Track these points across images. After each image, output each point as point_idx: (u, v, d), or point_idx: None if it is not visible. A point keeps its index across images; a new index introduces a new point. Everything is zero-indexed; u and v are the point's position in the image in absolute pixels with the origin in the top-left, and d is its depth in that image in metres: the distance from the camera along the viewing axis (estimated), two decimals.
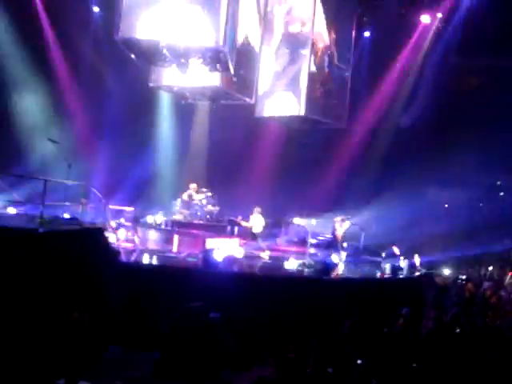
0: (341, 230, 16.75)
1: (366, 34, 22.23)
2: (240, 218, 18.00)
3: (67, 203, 12.82)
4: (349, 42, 19.38)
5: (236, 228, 17.63)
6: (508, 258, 22.98)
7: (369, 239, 17.85)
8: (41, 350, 8.20)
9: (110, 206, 13.62)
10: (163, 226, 16.30)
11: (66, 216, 12.49)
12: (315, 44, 17.99)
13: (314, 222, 19.45)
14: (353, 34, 19.47)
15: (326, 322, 10.94)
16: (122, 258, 11.80)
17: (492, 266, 20.62)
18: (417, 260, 15.94)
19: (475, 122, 22.25)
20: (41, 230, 8.60)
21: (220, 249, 12.76)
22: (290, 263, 14.19)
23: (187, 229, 16.26)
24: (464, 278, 17.91)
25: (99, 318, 9.77)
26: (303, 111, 17.87)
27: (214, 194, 17.83)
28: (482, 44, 21.59)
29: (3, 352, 7.96)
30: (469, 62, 23.63)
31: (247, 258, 15.42)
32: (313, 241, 16.59)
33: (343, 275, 14.50)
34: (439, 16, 21.04)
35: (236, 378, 8.94)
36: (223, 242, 15.30)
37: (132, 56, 15.05)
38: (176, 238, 15.28)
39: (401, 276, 14.73)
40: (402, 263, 15.07)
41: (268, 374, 7.59)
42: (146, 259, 13.74)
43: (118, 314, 10.62)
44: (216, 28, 14.00)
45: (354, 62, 19.96)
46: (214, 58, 14.79)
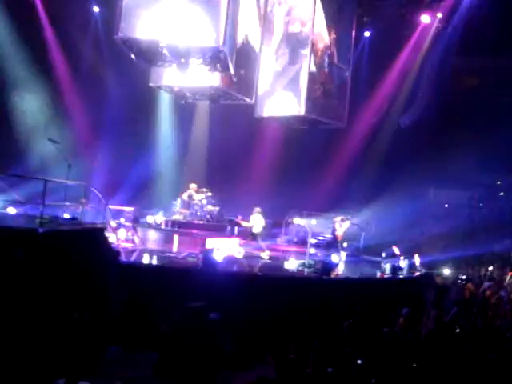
0: (341, 230, 16.76)
1: (366, 33, 22.29)
2: (240, 217, 18.01)
3: (67, 203, 12.82)
4: (349, 41, 19.39)
5: (236, 228, 17.63)
6: (508, 258, 22.99)
7: (369, 239, 17.88)
8: (41, 350, 8.20)
9: (110, 206, 13.58)
10: (163, 226, 16.27)
11: (66, 216, 12.48)
12: (315, 44, 18.00)
13: (314, 221, 19.43)
14: (353, 34, 19.50)
15: (326, 321, 10.92)
16: (122, 258, 11.78)
17: (492, 266, 20.58)
18: (417, 260, 15.91)
19: (475, 122, 22.29)
20: (41, 230, 8.58)
21: (220, 249, 12.74)
22: (290, 263, 14.16)
23: (187, 229, 16.26)
24: (464, 278, 17.89)
25: (99, 318, 9.77)
26: (303, 111, 17.89)
27: (213, 194, 17.80)
28: (481, 44, 21.66)
29: (4, 352, 7.96)
30: (468, 62, 23.69)
31: (247, 257, 15.43)
32: (313, 241, 16.58)
33: (343, 275, 14.49)
34: (439, 16, 21.06)
35: (235, 377, 8.93)
36: (223, 241, 15.31)
37: (132, 56, 15.05)
38: (176, 238, 15.28)
39: (401, 276, 14.70)
40: (402, 263, 15.02)
41: (267, 374, 7.57)
42: (145, 259, 13.73)
43: (118, 314, 10.62)
44: (216, 28, 14.03)
45: (353, 61, 19.97)
46: (214, 58, 14.80)
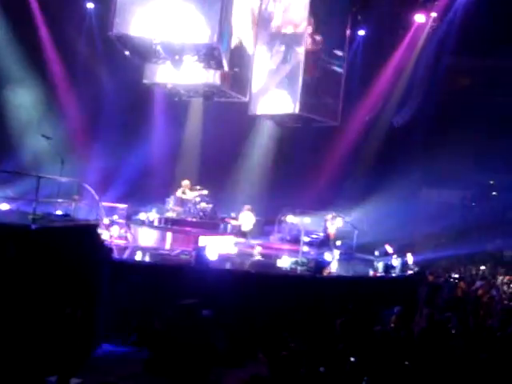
0: (332, 228, 16.68)
1: (361, 32, 22.28)
2: (233, 215, 18.00)
3: (60, 200, 12.78)
4: (343, 40, 19.41)
5: (229, 226, 17.61)
6: (500, 258, 23.13)
7: (362, 237, 17.90)
8: (33, 347, 8.17)
9: (103, 202, 13.55)
10: (156, 224, 16.22)
11: (59, 213, 12.43)
12: (309, 42, 18.01)
13: (307, 220, 19.44)
14: (347, 33, 19.52)
15: (318, 319, 10.94)
16: (115, 255, 11.75)
17: (484, 266, 20.70)
18: (409, 258, 15.95)
19: (468, 122, 22.37)
20: (33, 227, 8.53)
21: (213, 246, 12.73)
22: (283, 261, 14.15)
23: (180, 226, 16.22)
24: (456, 276, 17.97)
25: (92, 315, 9.76)
26: (297, 109, 17.92)
27: (209, 193, 17.72)
28: (474, 44, 21.71)
29: None
30: (462, 61, 23.76)
31: (240, 255, 15.44)
32: (306, 239, 16.57)
33: (336, 273, 14.51)
34: (433, 15, 21.10)
35: (228, 375, 8.93)
36: (216, 239, 15.30)
37: (126, 53, 15.03)
38: (169, 236, 15.25)
39: (393, 274, 14.73)
40: (395, 262, 15.04)
41: (260, 372, 7.57)
42: (138, 256, 13.71)
43: (110, 310, 10.60)
44: (210, 25, 14.02)
45: (348, 60, 19.99)
46: (208, 55, 14.80)
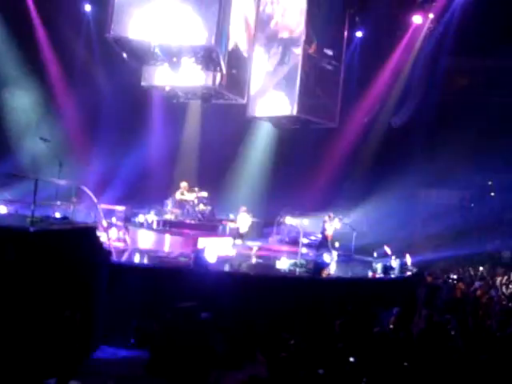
0: (331, 229, 16.54)
1: (358, 34, 22.27)
2: (232, 216, 17.99)
3: (58, 202, 12.76)
4: (341, 42, 19.42)
5: (228, 227, 17.62)
6: (498, 258, 23.11)
7: (360, 239, 17.90)
8: (32, 349, 8.16)
9: (102, 205, 13.53)
10: (155, 226, 16.22)
11: (58, 215, 12.42)
12: (307, 43, 18.02)
13: (305, 221, 19.45)
14: (345, 34, 19.53)
15: (317, 321, 10.93)
16: (114, 257, 11.74)
17: (483, 266, 20.68)
18: (408, 260, 15.95)
19: (466, 123, 22.36)
20: (32, 230, 8.52)
21: (211, 248, 12.72)
22: (281, 263, 14.14)
23: (179, 228, 16.22)
24: (455, 277, 17.95)
25: (90, 317, 9.75)
26: (295, 111, 17.92)
27: (208, 194, 17.68)
28: (472, 44, 21.72)
29: None
30: (460, 62, 23.77)
31: (238, 257, 15.45)
32: (305, 240, 16.57)
33: (335, 275, 14.51)
34: (431, 16, 21.12)
35: (227, 377, 8.92)
36: (215, 241, 15.30)
37: (124, 55, 15.02)
38: (168, 238, 15.25)
39: (392, 276, 14.73)
40: (394, 263, 15.04)
41: (259, 373, 7.57)
42: (137, 259, 13.71)
43: (109, 313, 10.59)
44: (208, 27, 14.02)
45: (345, 62, 19.99)
46: (206, 57, 14.80)
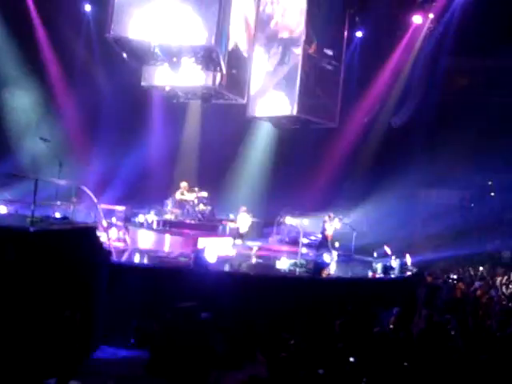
0: (330, 229, 16.50)
1: (358, 34, 22.27)
2: (232, 216, 17.99)
3: (58, 202, 12.76)
4: (341, 42, 19.41)
5: (228, 227, 17.62)
6: (498, 258, 23.10)
7: (360, 239, 17.90)
8: (32, 349, 8.16)
9: (102, 205, 13.53)
10: (155, 226, 16.22)
11: (58, 215, 12.42)
12: (307, 43, 18.01)
13: (305, 221, 19.44)
14: (345, 34, 19.52)
15: (317, 321, 10.93)
16: (114, 257, 11.74)
17: (483, 266, 20.67)
18: (408, 260, 15.95)
19: (466, 123, 22.36)
20: (32, 230, 8.52)
21: (211, 248, 12.72)
22: (281, 263, 14.14)
23: (179, 228, 16.22)
24: (455, 277, 17.94)
25: (90, 317, 9.75)
26: (295, 111, 17.92)
27: (208, 194, 17.67)
28: (472, 44, 21.71)
29: None
30: (460, 62, 23.76)
31: (238, 257, 15.46)
32: (305, 240, 16.57)
33: (335, 275, 14.50)
34: (431, 16, 21.11)
35: (226, 377, 8.92)
36: (215, 241, 15.30)
37: (124, 55, 15.02)
38: (168, 238, 15.25)
39: (392, 276, 14.73)
40: (394, 263, 15.04)
41: (259, 373, 7.57)
42: (137, 259, 13.71)
43: (109, 313, 10.60)
44: (208, 27, 14.02)
45: (345, 62, 19.99)
46: (206, 57, 14.80)
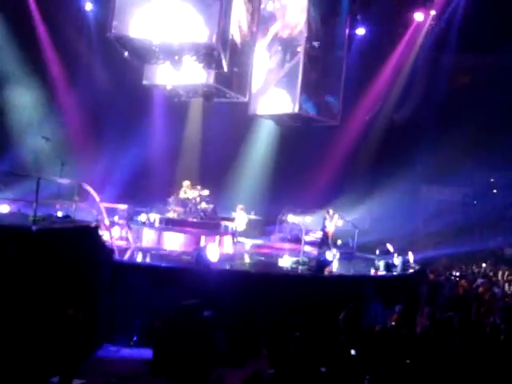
0: (331, 226, 16.44)
1: (360, 31, 22.23)
2: (234, 215, 17.99)
3: (61, 201, 12.77)
4: (342, 39, 19.39)
5: (230, 226, 17.62)
6: (501, 255, 23.11)
7: (362, 236, 17.89)
8: (35, 348, 8.18)
9: (104, 203, 13.54)
10: (157, 224, 16.24)
11: (60, 214, 12.43)
12: (308, 41, 17.99)
13: (307, 219, 19.43)
14: (346, 32, 19.49)
15: (320, 319, 10.94)
16: (116, 256, 11.76)
17: (485, 263, 20.69)
18: (410, 257, 15.96)
19: (468, 120, 22.35)
20: (34, 228, 8.54)
21: (213, 247, 12.73)
22: (284, 261, 14.15)
23: (181, 227, 16.24)
24: (458, 274, 17.96)
25: (93, 316, 9.76)
26: (296, 109, 17.90)
27: (210, 192, 17.67)
28: (474, 42, 21.69)
29: None
30: (462, 59, 23.74)
31: (239, 255, 15.49)
32: (307, 238, 16.57)
33: (337, 272, 14.50)
34: (432, 13, 21.10)
35: (229, 374, 8.94)
36: (217, 239, 15.31)
37: (125, 54, 15.01)
38: (170, 236, 15.26)
39: (395, 273, 14.73)
40: (396, 260, 15.05)
41: (262, 369, 7.58)
42: (139, 257, 13.72)
43: (112, 311, 10.62)
44: (209, 25, 13.99)
45: (347, 59, 19.95)
46: (208, 55, 14.77)
